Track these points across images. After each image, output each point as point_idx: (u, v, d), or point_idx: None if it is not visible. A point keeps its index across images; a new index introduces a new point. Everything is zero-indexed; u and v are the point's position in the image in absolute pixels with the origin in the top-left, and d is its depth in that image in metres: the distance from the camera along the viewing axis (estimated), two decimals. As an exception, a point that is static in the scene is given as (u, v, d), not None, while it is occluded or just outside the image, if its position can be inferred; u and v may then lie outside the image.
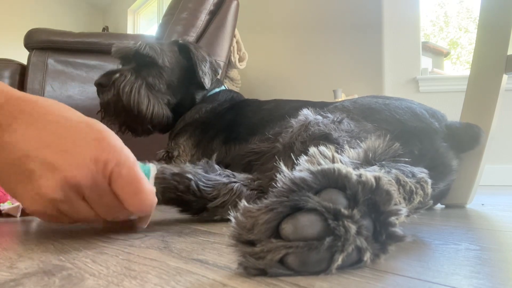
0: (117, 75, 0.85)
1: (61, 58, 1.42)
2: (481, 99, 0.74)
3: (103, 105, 0.87)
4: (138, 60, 0.89)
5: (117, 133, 0.42)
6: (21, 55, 1.54)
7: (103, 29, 4.24)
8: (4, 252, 0.33)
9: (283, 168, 0.26)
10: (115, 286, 0.22)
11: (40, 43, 1.40)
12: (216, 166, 0.54)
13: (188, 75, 0.95)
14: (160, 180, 0.46)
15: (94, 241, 0.37)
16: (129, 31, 4.15)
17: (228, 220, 0.26)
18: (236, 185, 0.52)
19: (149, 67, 0.88)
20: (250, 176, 0.56)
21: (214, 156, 0.56)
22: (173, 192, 0.48)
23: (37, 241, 0.37)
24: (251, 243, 0.24)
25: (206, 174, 0.51)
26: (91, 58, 1.43)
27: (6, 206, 0.64)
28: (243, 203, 0.25)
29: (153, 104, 0.87)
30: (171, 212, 0.63)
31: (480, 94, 0.74)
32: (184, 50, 0.95)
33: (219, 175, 0.52)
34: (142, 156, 0.93)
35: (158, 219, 0.55)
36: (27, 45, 1.43)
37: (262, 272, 0.24)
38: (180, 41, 0.97)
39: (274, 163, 0.43)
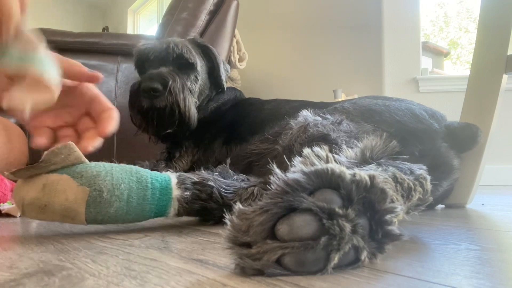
0: (171, 81, 0.80)
1: (61, 58, 1.41)
2: (481, 99, 0.74)
3: (149, 110, 0.80)
4: (176, 63, 0.86)
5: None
6: (21, 55, 1.54)
7: (103, 29, 4.24)
8: (4, 252, 0.33)
9: (276, 170, 0.26)
10: (115, 286, 0.22)
11: (40, 43, 1.40)
12: (230, 171, 0.53)
13: (208, 77, 0.94)
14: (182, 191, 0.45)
15: (94, 241, 0.37)
16: (129, 31, 4.15)
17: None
18: (256, 188, 0.51)
19: (186, 71, 0.86)
20: (261, 179, 0.55)
21: (228, 161, 0.55)
22: (195, 202, 0.47)
23: (37, 241, 0.37)
24: (247, 245, 0.24)
25: (225, 180, 0.50)
26: (91, 58, 1.43)
27: (6, 206, 0.64)
28: (238, 205, 0.25)
29: (194, 110, 0.86)
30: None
31: (480, 94, 0.74)
32: (204, 51, 0.94)
33: (236, 180, 0.52)
34: (141, 156, 0.93)
35: (158, 219, 0.55)
36: (27, 45, 1.42)
37: (260, 273, 0.24)
38: (199, 41, 0.95)
39: (267, 166, 0.43)
